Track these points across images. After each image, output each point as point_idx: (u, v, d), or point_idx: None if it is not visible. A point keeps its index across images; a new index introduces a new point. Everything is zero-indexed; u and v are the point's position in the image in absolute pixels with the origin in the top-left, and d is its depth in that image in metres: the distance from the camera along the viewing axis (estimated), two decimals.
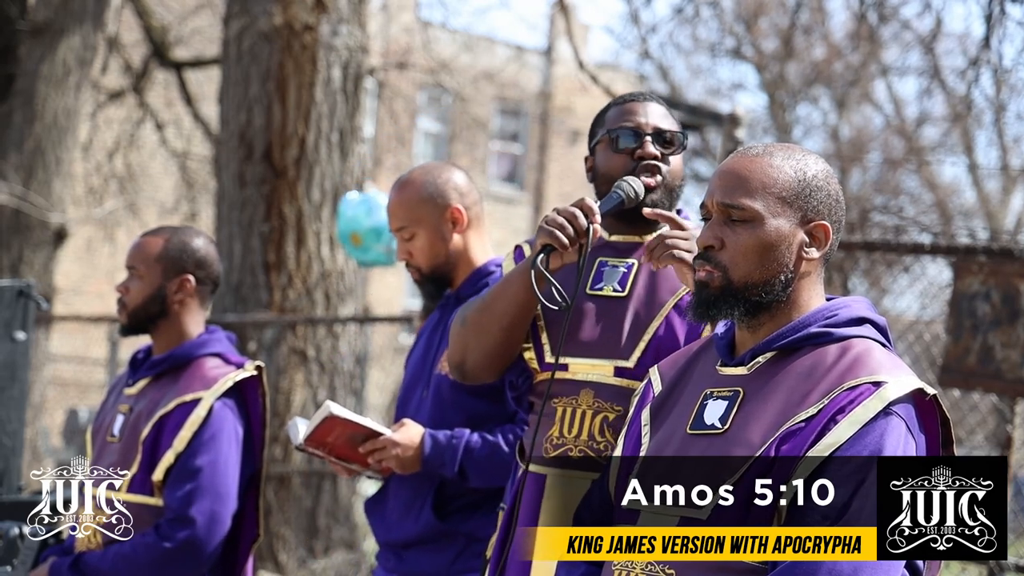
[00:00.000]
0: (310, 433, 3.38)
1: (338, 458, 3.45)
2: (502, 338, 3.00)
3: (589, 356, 2.95)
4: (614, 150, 3.05)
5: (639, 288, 2.99)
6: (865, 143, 26.80)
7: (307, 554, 8.64)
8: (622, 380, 2.92)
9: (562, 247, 2.86)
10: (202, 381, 3.69)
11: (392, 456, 3.34)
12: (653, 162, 3.02)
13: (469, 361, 3.06)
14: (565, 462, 2.93)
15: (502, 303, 2.99)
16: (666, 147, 3.05)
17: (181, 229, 3.85)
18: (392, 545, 3.44)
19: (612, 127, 3.07)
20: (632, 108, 3.08)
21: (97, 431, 3.88)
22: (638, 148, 3.03)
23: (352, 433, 3.39)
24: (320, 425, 3.37)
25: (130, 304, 3.77)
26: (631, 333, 2.94)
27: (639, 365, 2.91)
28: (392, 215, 3.50)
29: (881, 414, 2.32)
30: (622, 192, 2.97)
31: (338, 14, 8.90)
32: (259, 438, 3.77)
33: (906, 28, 21.82)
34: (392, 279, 23.80)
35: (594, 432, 2.92)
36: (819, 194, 2.48)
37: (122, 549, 3.60)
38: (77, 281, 19.25)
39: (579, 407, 2.94)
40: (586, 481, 2.82)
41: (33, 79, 11.90)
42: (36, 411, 11.64)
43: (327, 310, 8.76)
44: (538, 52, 24.77)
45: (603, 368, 2.94)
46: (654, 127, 3.05)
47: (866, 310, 2.49)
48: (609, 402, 2.92)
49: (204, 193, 16.18)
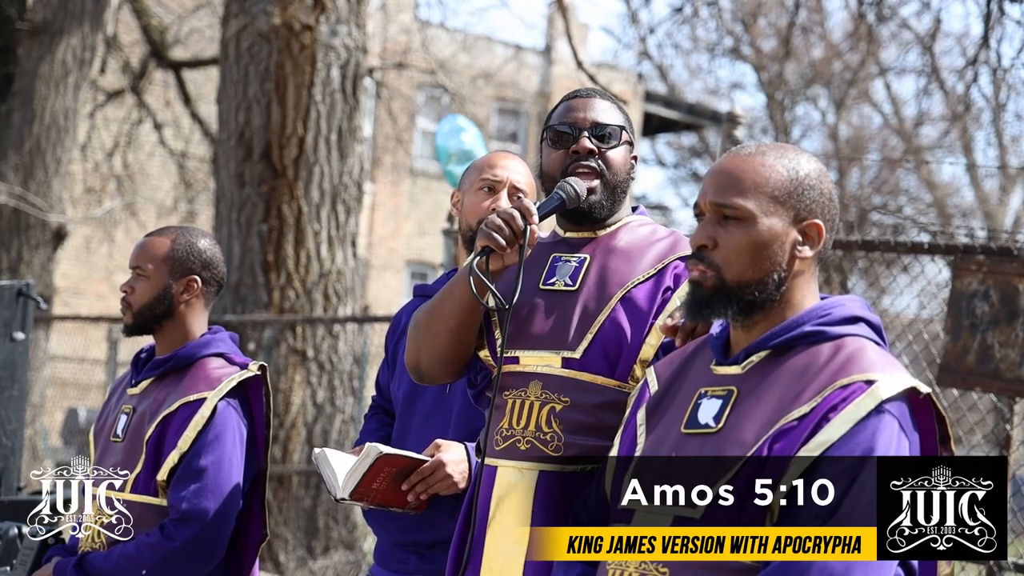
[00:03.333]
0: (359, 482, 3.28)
1: (379, 504, 3.35)
2: (451, 340, 3.03)
3: (538, 348, 2.97)
4: (551, 146, 3.07)
5: (589, 282, 3.00)
6: (864, 143, 26.81)
7: (307, 554, 8.64)
8: (569, 371, 2.93)
9: (500, 248, 2.89)
10: (206, 381, 3.69)
11: (443, 478, 3.30)
12: (587, 159, 3.03)
13: (423, 363, 3.09)
14: (514, 453, 2.94)
15: (448, 305, 3.02)
16: (604, 142, 3.05)
17: (187, 229, 3.85)
18: (413, 545, 3.43)
19: (552, 123, 3.09)
20: (574, 104, 3.09)
21: (100, 431, 3.87)
22: (573, 143, 3.04)
23: (397, 471, 3.30)
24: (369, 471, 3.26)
25: (136, 304, 3.77)
26: (579, 325, 2.95)
27: (585, 355, 2.92)
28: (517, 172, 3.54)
29: (873, 412, 2.32)
30: (563, 193, 3.00)
31: (337, 14, 8.90)
32: (263, 438, 3.77)
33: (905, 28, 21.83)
34: (392, 279, 23.80)
35: (541, 423, 2.93)
36: (812, 193, 2.48)
37: (127, 549, 3.60)
38: (76, 281, 19.25)
39: (527, 399, 2.95)
40: (534, 472, 2.88)
41: (32, 79, 11.90)
42: (36, 411, 11.64)
43: (326, 310, 8.76)
44: (537, 52, 24.77)
45: (551, 360, 2.95)
46: (592, 121, 3.05)
47: (860, 309, 2.49)
48: (556, 393, 2.93)
49: (203, 193, 16.19)
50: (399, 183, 23.60)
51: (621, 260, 3.01)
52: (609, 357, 2.92)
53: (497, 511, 2.94)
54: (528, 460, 2.92)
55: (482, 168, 3.60)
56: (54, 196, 12.04)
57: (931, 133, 26.58)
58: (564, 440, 2.90)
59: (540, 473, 2.90)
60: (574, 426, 2.91)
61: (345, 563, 8.66)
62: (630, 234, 3.06)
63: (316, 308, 8.76)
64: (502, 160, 3.60)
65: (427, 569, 3.39)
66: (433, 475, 3.31)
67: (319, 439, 8.69)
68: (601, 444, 2.84)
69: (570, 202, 3.00)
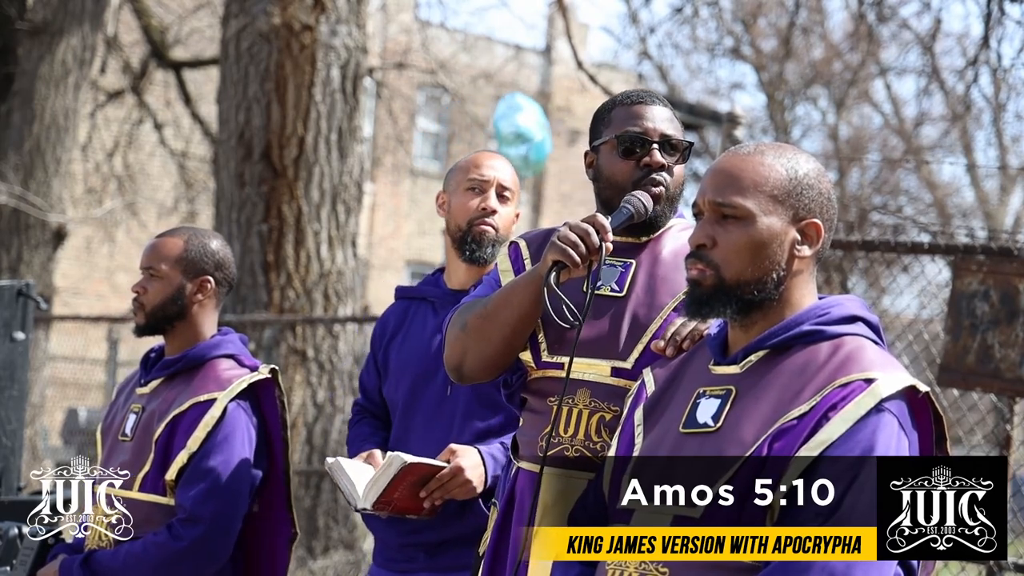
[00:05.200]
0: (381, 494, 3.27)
1: (397, 512, 3.34)
2: (503, 346, 2.99)
3: (586, 355, 2.93)
4: (621, 155, 3.01)
5: (638, 289, 2.97)
6: (864, 143, 26.81)
7: (307, 554, 8.64)
8: (619, 380, 2.90)
9: (574, 265, 2.83)
10: (216, 382, 3.69)
11: (461, 484, 3.29)
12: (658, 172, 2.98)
13: (467, 365, 3.05)
14: (562, 461, 2.91)
15: (506, 313, 2.97)
16: (672, 155, 3.01)
17: (198, 231, 3.86)
18: (420, 545, 3.43)
19: (619, 131, 3.02)
20: (639, 112, 3.03)
21: (108, 430, 3.88)
22: (645, 155, 2.99)
23: (416, 479, 3.28)
24: (393, 481, 3.25)
25: (149, 304, 3.76)
26: (629, 334, 2.92)
27: (636, 366, 2.88)
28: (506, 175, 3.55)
29: (873, 411, 2.32)
30: (631, 207, 2.94)
31: (337, 14, 8.90)
32: (279, 439, 3.77)
33: (905, 28, 21.83)
34: (392, 279, 23.80)
35: (591, 432, 2.91)
36: (810, 192, 2.48)
37: (133, 548, 3.60)
38: (76, 281, 19.25)
39: (576, 406, 2.93)
40: (582, 481, 2.82)
41: (32, 79, 11.90)
42: (36, 411, 11.63)
43: (326, 310, 8.76)
44: (537, 52, 24.77)
45: (600, 368, 2.92)
46: (661, 133, 3.00)
47: (858, 308, 2.49)
48: (605, 402, 2.90)
49: (203, 193, 16.18)
50: (399, 183, 23.60)
51: (670, 268, 2.97)
52: None
53: (544, 519, 2.88)
54: (578, 469, 2.88)
55: (468, 168, 3.59)
56: (54, 196, 12.04)
57: (931, 133, 26.59)
58: None
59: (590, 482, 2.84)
60: None
61: (345, 563, 8.65)
62: (675, 240, 3.02)
63: (316, 308, 8.76)
64: (487, 160, 3.60)
65: (436, 566, 3.40)
66: (452, 481, 3.30)
67: (319, 439, 8.69)
68: None
69: (638, 216, 2.95)
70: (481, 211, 3.54)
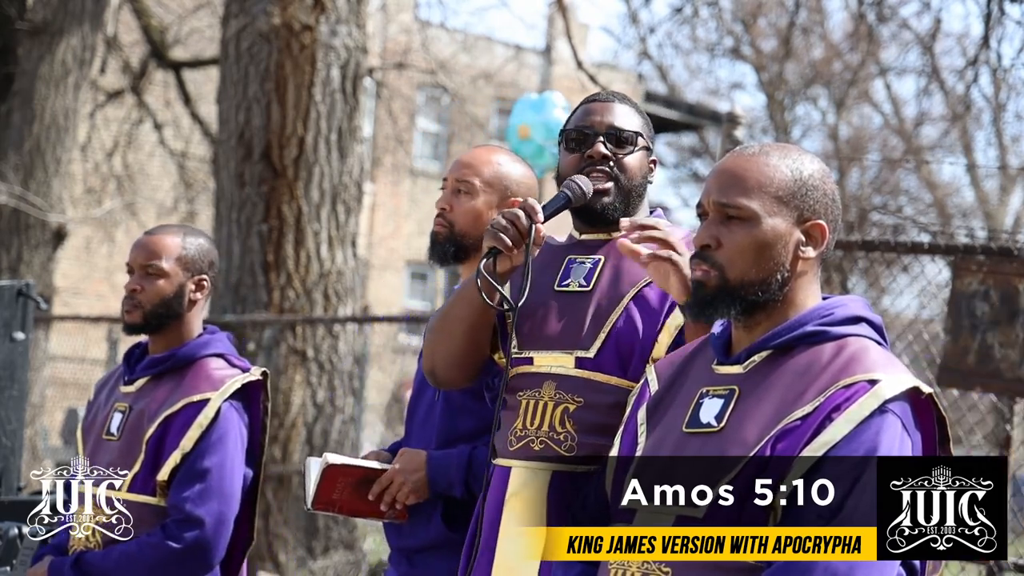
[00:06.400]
0: (315, 493, 3.26)
1: (351, 513, 3.34)
2: (464, 342, 3.04)
3: (552, 349, 2.98)
4: (567, 149, 3.08)
5: (603, 283, 3.01)
6: (864, 143, 26.81)
7: (306, 554, 8.64)
8: (583, 371, 2.94)
9: (507, 249, 2.89)
10: (209, 382, 3.67)
11: (401, 487, 3.28)
12: (601, 164, 3.02)
13: (438, 367, 3.10)
14: (527, 453, 2.95)
15: (459, 308, 3.04)
16: (619, 146, 3.04)
17: (189, 228, 3.85)
18: (403, 550, 3.43)
19: (569, 127, 3.09)
20: (591, 108, 3.08)
21: (89, 428, 3.84)
22: (588, 148, 3.04)
23: (356, 481, 3.28)
24: (322, 481, 3.24)
25: (147, 303, 3.72)
26: (592, 324, 2.96)
27: (599, 355, 2.93)
28: (465, 167, 3.42)
29: (877, 412, 2.32)
30: (568, 191, 2.99)
31: (337, 14, 8.90)
32: (258, 444, 3.76)
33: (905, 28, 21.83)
34: (392, 279, 23.80)
35: (555, 423, 2.94)
36: (815, 193, 2.48)
37: (127, 548, 3.58)
38: (76, 281, 19.25)
39: (541, 399, 2.96)
40: (547, 472, 2.89)
41: (32, 79, 11.90)
42: (36, 411, 11.63)
43: (326, 310, 8.76)
44: (537, 52, 24.77)
45: (564, 360, 2.96)
46: (608, 125, 3.05)
47: (862, 309, 2.49)
48: (570, 393, 2.94)
49: (203, 193, 16.19)
50: (399, 183, 23.60)
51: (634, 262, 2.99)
52: (622, 356, 2.93)
53: (508, 511, 2.94)
54: (541, 460, 2.92)
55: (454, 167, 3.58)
56: (54, 196, 12.04)
57: (931, 133, 26.59)
58: (578, 440, 2.91)
59: (553, 473, 2.91)
60: (588, 426, 2.91)
61: (345, 563, 8.65)
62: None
63: (316, 308, 8.75)
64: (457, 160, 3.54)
65: (415, 574, 3.39)
66: (392, 485, 3.29)
67: (319, 439, 8.69)
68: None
69: (576, 200, 3.00)
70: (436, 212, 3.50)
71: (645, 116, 3.14)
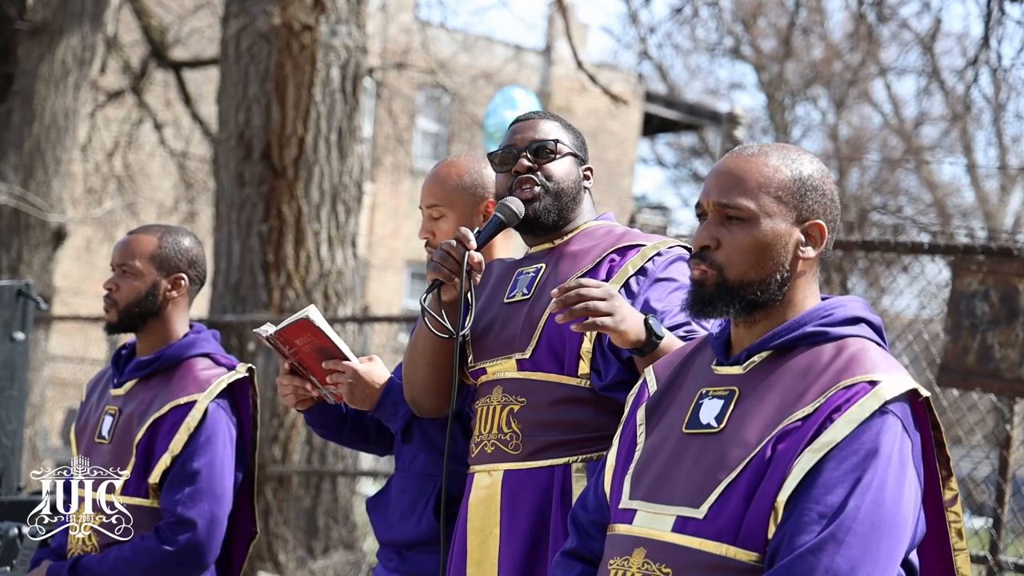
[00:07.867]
0: (282, 327, 3.29)
1: (300, 364, 3.36)
2: (430, 371, 3.16)
3: (496, 356, 3.10)
4: (496, 170, 3.21)
5: (543, 288, 3.11)
6: (864, 143, 26.82)
7: (306, 554, 8.64)
8: (524, 372, 3.05)
9: (447, 279, 3.03)
10: (195, 383, 3.68)
11: (347, 385, 3.32)
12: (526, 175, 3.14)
13: (417, 397, 3.21)
14: (483, 457, 3.08)
15: (420, 340, 3.17)
16: (542, 156, 3.15)
17: (171, 228, 3.85)
18: (394, 545, 3.45)
19: (495, 149, 3.22)
20: (515, 128, 3.21)
21: (82, 431, 3.86)
22: (514, 165, 3.16)
23: (321, 346, 3.32)
24: (294, 324, 3.28)
25: (121, 301, 3.74)
26: (525, 327, 3.07)
27: (534, 354, 3.03)
28: (428, 191, 3.48)
29: (877, 413, 2.32)
30: (500, 215, 3.12)
31: (337, 14, 8.90)
32: (250, 439, 3.77)
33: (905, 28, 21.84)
34: (392, 279, 23.81)
35: (502, 425, 3.05)
36: (815, 194, 2.48)
37: (122, 552, 3.59)
38: (76, 281, 19.25)
39: (491, 404, 3.08)
40: (499, 472, 3.02)
41: (32, 79, 11.90)
42: (35, 411, 11.63)
43: (326, 310, 8.76)
44: (537, 52, 24.77)
45: (507, 364, 3.08)
46: (530, 140, 3.16)
47: (861, 309, 2.49)
48: (514, 395, 3.05)
49: (203, 193, 16.18)
50: (399, 183, 23.61)
51: (569, 263, 3.12)
52: (556, 353, 3.02)
53: (472, 514, 3.07)
54: (493, 462, 3.05)
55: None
56: (54, 196, 12.04)
57: (931, 133, 26.60)
58: (522, 438, 3.02)
59: (505, 472, 3.03)
60: (531, 424, 3.02)
61: (345, 563, 8.66)
62: (585, 238, 3.17)
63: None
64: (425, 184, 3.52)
65: (405, 570, 3.41)
66: (343, 374, 3.32)
67: (319, 439, 8.69)
68: (560, 439, 2.97)
69: (509, 220, 3.12)
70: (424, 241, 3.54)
71: (572, 128, 3.24)
